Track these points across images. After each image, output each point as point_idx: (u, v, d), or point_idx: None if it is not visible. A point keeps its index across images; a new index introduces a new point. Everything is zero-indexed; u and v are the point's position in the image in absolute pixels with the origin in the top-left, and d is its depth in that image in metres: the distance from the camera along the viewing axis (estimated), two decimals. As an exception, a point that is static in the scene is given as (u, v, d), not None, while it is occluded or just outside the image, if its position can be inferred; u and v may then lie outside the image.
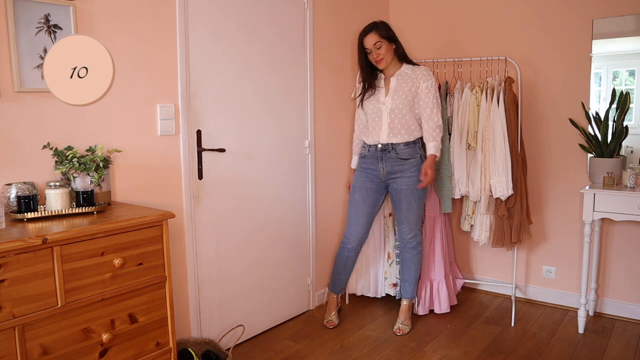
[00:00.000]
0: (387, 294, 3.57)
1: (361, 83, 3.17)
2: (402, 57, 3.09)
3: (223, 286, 2.86)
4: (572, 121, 3.30)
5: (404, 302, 3.24)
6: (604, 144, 3.09)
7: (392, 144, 3.03)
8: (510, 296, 3.59)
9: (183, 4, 2.51)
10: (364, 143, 3.16)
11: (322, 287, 3.56)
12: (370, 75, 3.10)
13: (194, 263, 2.69)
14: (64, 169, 2.02)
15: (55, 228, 1.76)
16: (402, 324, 3.16)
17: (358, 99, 3.18)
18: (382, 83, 3.09)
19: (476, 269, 3.85)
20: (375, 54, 3.00)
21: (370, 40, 3.00)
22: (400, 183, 3.06)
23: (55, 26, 2.06)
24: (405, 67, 3.07)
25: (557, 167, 3.44)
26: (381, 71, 3.11)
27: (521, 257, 3.63)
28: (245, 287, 2.98)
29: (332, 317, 3.25)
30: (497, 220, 3.31)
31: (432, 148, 2.98)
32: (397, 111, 3.00)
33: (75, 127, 2.17)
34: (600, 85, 3.27)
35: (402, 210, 3.11)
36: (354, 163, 3.31)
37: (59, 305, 1.73)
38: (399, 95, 3.00)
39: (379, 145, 3.06)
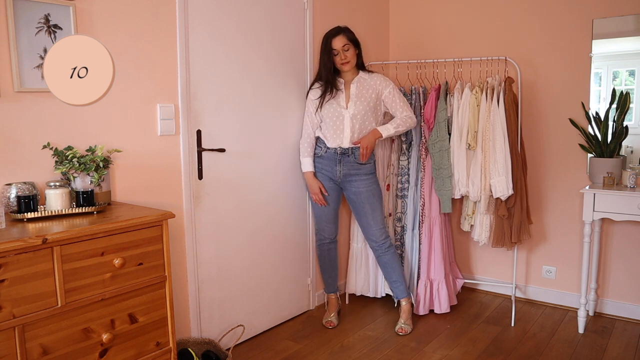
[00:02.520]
0: (387, 294, 3.57)
1: (319, 87, 3.09)
2: (360, 64, 3.12)
3: (223, 286, 2.86)
4: (572, 121, 3.30)
5: (403, 302, 3.24)
6: (604, 144, 3.09)
7: (352, 148, 3.05)
8: (510, 296, 3.59)
9: (183, 4, 2.51)
10: (321, 144, 3.11)
11: (322, 287, 3.56)
12: (332, 77, 3.07)
13: (194, 263, 2.69)
14: (64, 169, 2.02)
15: (55, 228, 1.76)
16: (404, 323, 3.16)
17: (317, 101, 3.07)
18: (342, 87, 3.09)
19: (476, 269, 3.85)
20: (343, 56, 3.01)
21: (340, 42, 3.00)
22: (358, 186, 3.09)
23: (55, 26, 2.06)
24: (362, 74, 3.10)
25: (557, 167, 3.44)
26: (340, 76, 3.10)
27: (521, 257, 3.63)
28: (245, 287, 2.98)
29: (332, 317, 3.25)
30: (497, 220, 3.31)
31: (383, 128, 3.02)
32: (359, 117, 3.02)
33: (75, 127, 2.17)
34: (600, 85, 3.27)
35: (368, 213, 3.13)
36: (309, 165, 3.14)
37: (59, 305, 1.73)
38: (361, 102, 3.03)
39: (339, 149, 3.07)
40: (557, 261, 3.52)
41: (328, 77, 3.05)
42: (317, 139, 3.15)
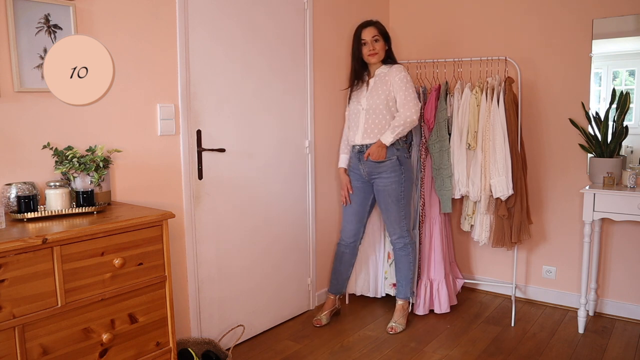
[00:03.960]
0: (387, 294, 3.57)
1: (351, 80, 3.17)
2: (387, 59, 3.15)
3: (223, 286, 2.86)
4: (572, 121, 3.30)
5: (399, 302, 3.25)
6: (604, 144, 3.09)
7: (366, 145, 3.07)
8: (510, 296, 3.59)
9: (183, 4, 2.51)
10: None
11: (322, 287, 3.56)
12: (360, 68, 3.14)
13: (194, 263, 2.69)
14: (64, 169, 2.02)
15: (55, 228, 1.76)
16: (395, 322, 3.16)
17: (349, 95, 3.21)
18: (365, 81, 3.14)
19: (476, 269, 3.85)
20: (371, 47, 3.05)
21: (370, 32, 3.06)
22: (379, 184, 3.12)
23: (55, 26, 2.05)
24: (383, 68, 3.13)
25: (557, 167, 3.44)
26: (367, 70, 3.15)
27: (521, 257, 3.63)
28: (245, 287, 2.98)
29: (322, 316, 3.25)
30: (497, 220, 3.31)
31: (384, 137, 2.99)
32: (371, 111, 3.05)
33: (75, 127, 2.17)
34: (600, 85, 3.27)
35: (384, 211, 3.19)
36: (343, 162, 3.28)
37: (59, 305, 1.73)
38: (377, 94, 3.05)
39: (357, 147, 3.11)
40: (557, 261, 3.52)
41: (356, 68, 3.11)
42: None
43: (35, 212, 1.87)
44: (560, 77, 3.37)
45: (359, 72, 3.14)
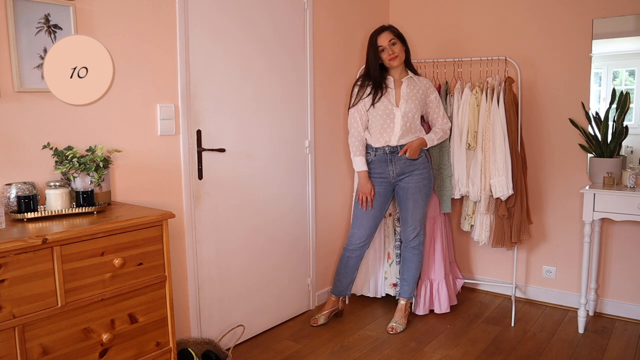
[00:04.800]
0: (387, 294, 3.57)
1: (368, 85, 3.08)
2: (408, 63, 3.13)
3: (223, 286, 2.86)
4: (572, 121, 3.30)
5: (402, 302, 3.25)
6: (604, 144, 3.09)
7: (401, 145, 3.06)
8: (510, 296, 3.59)
9: (183, 4, 2.51)
10: (369, 148, 3.11)
11: (322, 287, 3.56)
12: (380, 75, 3.08)
13: (194, 263, 2.69)
14: (64, 169, 2.02)
15: (55, 228, 1.76)
16: (396, 322, 3.16)
17: (367, 99, 3.06)
18: (392, 85, 3.09)
19: (476, 269, 3.85)
20: (391, 51, 3.02)
21: (386, 37, 3.03)
22: (408, 181, 3.09)
23: (55, 26, 2.05)
24: (411, 76, 3.12)
25: (557, 167, 3.44)
26: (388, 74, 3.10)
27: (521, 257, 3.63)
28: (245, 287, 2.98)
29: (320, 316, 3.24)
30: (497, 220, 3.31)
31: (428, 137, 3.12)
32: (410, 115, 3.05)
33: (75, 127, 2.17)
34: (600, 85, 3.27)
35: (409, 209, 3.13)
36: (362, 165, 3.09)
37: (59, 305, 1.73)
38: (413, 100, 3.05)
39: (387, 148, 3.06)
40: (557, 261, 3.52)
41: (375, 75, 3.06)
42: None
43: (35, 212, 1.87)
44: (560, 77, 3.37)
45: (378, 80, 3.05)
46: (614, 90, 3.11)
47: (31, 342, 1.67)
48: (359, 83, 3.14)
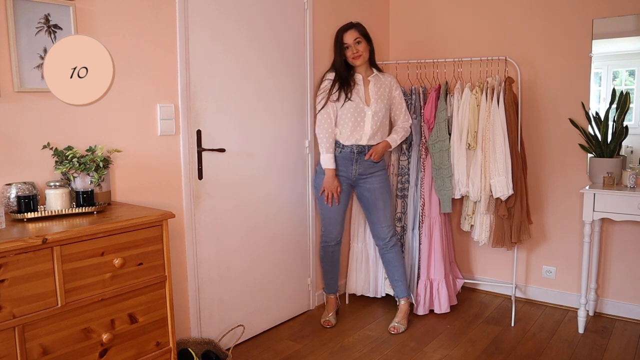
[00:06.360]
0: (387, 294, 3.57)
1: (334, 81, 3.06)
2: (373, 61, 3.15)
3: (223, 286, 2.86)
4: (572, 121, 3.30)
5: (402, 302, 3.25)
6: (604, 144, 3.09)
7: (369, 145, 3.09)
8: (510, 296, 3.59)
9: (183, 4, 2.51)
10: (337, 143, 3.09)
11: (322, 287, 3.55)
12: (346, 72, 3.08)
13: (194, 263, 2.69)
14: (64, 169, 2.02)
15: (55, 228, 1.76)
16: (398, 322, 3.16)
17: (334, 95, 3.03)
18: (360, 82, 3.09)
19: (476, 269, 3.85)
20: (355, 49, 3.03)
21: (351, 35, 3.04)
22: (373, 182, 3.13)
23: (55, 26, 2.05)
24: (376, 73, 3.13)
25: (557, 167, 3.44)
26: (354, 71, 3.11)
27: (521, 257, 3.63)
28: (245, 287, 2.98)
29: (330, 317, 3.25)
30: (497, 220, 3.31)
31: (391, 139, 3.17)
32: (380, 114, 3.08)
33: (75, 127, 2.17)
34: (600, 85, 3.27)
35: (380, 209, 3.17)
36: (332, 162, 3.06)
37: (59, 305, 1.73)
38: (382, 100, 3.09)
39: (355, 147, 3.07)
40: (557, 261, 3.52)
41: (341, 72, 3.06)
42: None
43: (35, 212, 1.87)
44: (560, 77, 3.37)
45: (345, 77, 3.05)
46: (614, 90, 3.11)
47: (31, 342, 1.67)
48: (329, 78, 3.10)
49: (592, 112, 3.20)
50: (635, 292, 3.29)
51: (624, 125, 3.04)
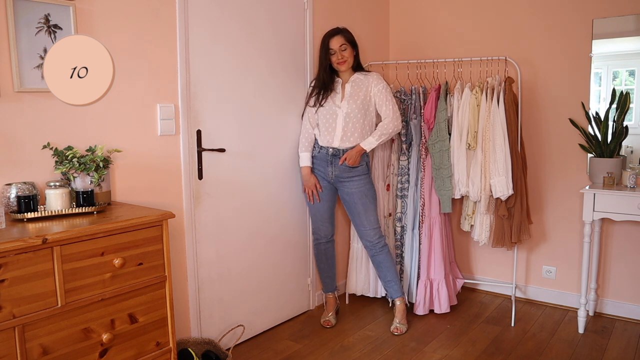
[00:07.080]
0: (387, 294, 3.57)
1: (317, 85, 3.12)
2: (357, 65, 3.15)
3: (223, 286, 2.86)
4: (572, 121, 3.30)
5: (398, 302, 3.25)
6: (604, 144, 3.09)
7: (343, 150, 3.07)
8: (510, 296, 3.59)
9: (183, 4, 2.51)
10: (316, 143, 3.15)
11: (321, 287, 3.55)
12: (329, 77, 3.10)
13: (194, 263, 2.69)
14: (64, 169, 2.02)
15: (55, 228, 1.76)
16: (399, 323, 3.16)
17: (313, 98, 3.12)
18: (339, 88, 3.11)
19: (476, 269, 3.85)
20: (340, 56, 3.04)
21: (337, 41, 3.04)
22: (351, 187, 3.11)
23: (55, 26, 2.05)
24: (359, 74, 3.13)
25: (557, 167, 3.44)
26: (338, 76, 3.13)
27: (521, 257, 3.63)
28: (245, 287, 2.98)
29: (330, 317, 3.26)
30: (497, 220, 3.31)
31: (365, 142, 3.05)
32: (352, 115, 3.04)
33: (75, 127, 2.17)
34: (600, 85, 3.27)
35: (361, 212, 3.15)
36: (307, 161, 3.15)
37: (59, 305, 1.73)
38: (354, 100, 3.05)
39: (330, 150, 3.09)
40: (557, 261, 3.52)
41: (324, 77, 3.08)
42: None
43: (35, 212, 1.87)
44: (560, 77, 3.37)
45: (327, 82, 3.08)
46: (614, 90, 3.11)
47: (31, 342, 1.67)
48: (312, 84, 3.20)
49: (592, 112, 3.20)
50: (635, 292, 3.29)
51: (624, 125, 3.04)
